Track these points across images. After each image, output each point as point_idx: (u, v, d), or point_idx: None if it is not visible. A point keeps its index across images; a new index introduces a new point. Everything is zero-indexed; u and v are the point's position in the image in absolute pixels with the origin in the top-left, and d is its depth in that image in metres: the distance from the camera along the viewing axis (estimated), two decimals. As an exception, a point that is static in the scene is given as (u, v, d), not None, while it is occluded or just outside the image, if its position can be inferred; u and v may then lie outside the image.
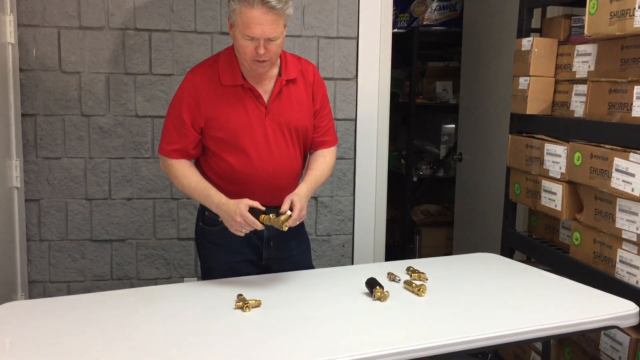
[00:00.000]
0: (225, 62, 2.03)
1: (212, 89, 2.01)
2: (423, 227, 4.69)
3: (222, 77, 2.01)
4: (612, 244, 2.13)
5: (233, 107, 2.01)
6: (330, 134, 2.21)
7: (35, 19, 2.69)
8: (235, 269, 2.06)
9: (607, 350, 2.14)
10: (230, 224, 1.92)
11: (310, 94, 2.12)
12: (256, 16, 1.85)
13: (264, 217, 1.88)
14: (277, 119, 2.04)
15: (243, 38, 1.89)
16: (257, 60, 1.93)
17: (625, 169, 2.01)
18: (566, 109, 2.46)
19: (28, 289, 2.82)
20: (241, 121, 2.01)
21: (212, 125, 2.02)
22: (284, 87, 2.05)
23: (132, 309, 1.77)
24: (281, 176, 2.08)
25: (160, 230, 2.91)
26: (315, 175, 2.13)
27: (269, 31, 1.87)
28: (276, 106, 2.04)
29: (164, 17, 2.79)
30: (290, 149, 2.09)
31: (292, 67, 2.09)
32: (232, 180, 2.06)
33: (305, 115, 2.11)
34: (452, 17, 4.49)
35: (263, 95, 2.03)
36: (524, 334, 1.66)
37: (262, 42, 1.89)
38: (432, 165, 4.83)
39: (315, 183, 2.12)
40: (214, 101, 2.01)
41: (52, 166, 2.78)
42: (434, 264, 2.22)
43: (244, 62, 1.96)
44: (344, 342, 1.55)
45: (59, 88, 2.75)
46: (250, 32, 1.87)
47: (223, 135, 2.02)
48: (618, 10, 2.06)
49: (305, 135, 2.13)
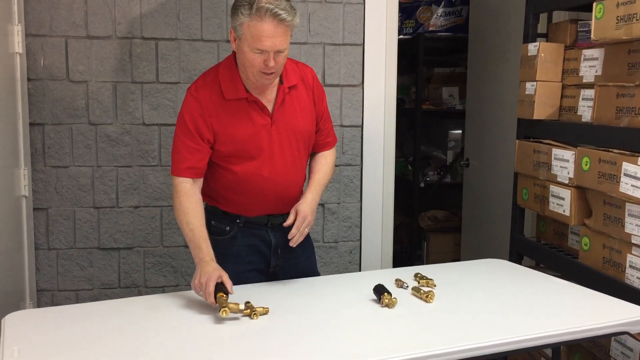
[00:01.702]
0: (226, 75, 2.00)
1: (217, 104, 1.98)
2: (430, 233, 4.67)
3: (224, 91, 1.98)
4: (622, 249, 2.11)
5: (239, 120, 1.99)
6: (332, 134, 2.23)
7: (43, 28, 2.70)
8: (243, 278, 2.05)
9: (617, 357, 2.12)
10: (194, 280, 1.85)
11: (312, 98, 2.11)
12: (267, 29, 1.82)
13: (221, 296, 1.73)
14: (283, 127, 2.04)
15: (251, 51, 1.86)
16: (265, 73, 1.90)
17: (634, 173, 2.00)
18: (573, 114, 2.45)
19: (36, 298, 2.82)
20: (248, 133, 2.00)
21: (219, 140, 2.00)
22: (287, 94, 2.05)
23: (139, 317, 1.76)
24: (289, 185, 2.08)
25: (168, 238, 2.91)
26: (319, 179, 2.14)
27: (279, 43, 1.85)
28: (281, 114, 2.04)
29: (170, 25, 2.80)
30: (296, 156, 2.09)
31: (292, 73, 2.07)
32: (238, 190, 2.06)
33: (309, 120, 2.11)
34: (458, 23, 4.49)
35: (267, 105, 2.02)
36: (533, 340, 1.65)
37: (271, 55, 1.85)
38: (439, 171, 4.82)
39: (320, 187, 2.13)
40: (219, 115, 1.98)
41: (60, 175, 2.79)
42: (441, 270, 2.21)
43: (250, 75, 1.93)
44: (352, 349, 1.55)
45: (67, 97, 2.76)
46: (261, 45, 1.83)
47: (231, 148, 2.01)
48: (625, 15, 2.05)
49: (310, 140, 2.13)
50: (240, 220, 2.10)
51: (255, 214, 2.10)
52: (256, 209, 2.10)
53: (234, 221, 2.10)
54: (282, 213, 2.09)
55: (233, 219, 2.11)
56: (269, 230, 2.12)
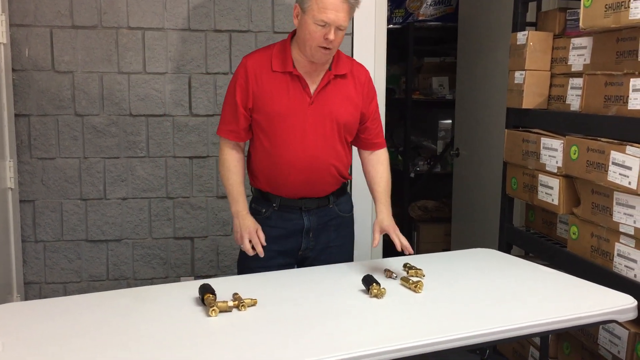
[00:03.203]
0: (280, 50, 2.10)
1: (262, 73, 2.07)
2: (421, 224, 4.68)
3: (273, 63, 2.08)
4: (610, 238, 2.12)
5: (278, 93, 2.07)
6: (381, 136, 2.28)
7: (27, 18, 2.67)
8: (270, 257, 2.11)
9: (605, 345, 2.13)
10: (237, 232, 2.09)
11: (361, 95, 2.16)
12: (333, 2, 1.93)
13: (208, 297, 1.71)
14: (321, 109, 2.09)
15: (314, 23, 1.95)
16: (322, 47, 1.97)
17: (622, 162, 2.00)
18: (562, 103, 2.45)
19: (24, 291, 2.80)
20: (284, 107, 2.06)
21: (256, 108, 2.09)
22: (332, 80, 2.10)
23: (126, 309, 1.75)
24: (319, 167, 2.12)
25: (156, 230, 2.89)
26: (385, 189, 2.19)
27: (341, 19, 1.95)
28: (321, 97, 2.09)
29: (157, 15, 2.77)
30: (330, 141, 2.12)
31: (343, 65, 2.14)
32: (271, 164, 2.12)
33: (350, 111, 2.14)
34: (448, 12, 4.48)
35: (310, 86, 2.08)
36: (521, 329, 1.65)
37: (332, 29, 1.95)
38: (429, 161, 4.82)
39: (389, 197, 2.20)
40: (262, 85, 2.07)
41: (46, 166, 2.77)
42: (430, 260, 2.20)
43: (308, 49, 2.00)
44: (339, 340, 1.54)
45: (52, 88, 2.73)
46: (326, 17, 1.93)
47: (266, 118, 2.08)
48: (613, 3, 2.04)
49: (347, 129, 2.15)
50: (276, 204, 2.16)
51: (289, 194, 2.15)
52: (289, 189, 2.14)
53: (270, 204, 2.17)
54: (316, 197, 2.16)
55: (270, 202, 2.17)
56: (304, 213, 2.17)
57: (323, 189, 2.17)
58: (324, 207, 2.19)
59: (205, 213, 2.92)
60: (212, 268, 2.96)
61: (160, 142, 2.84)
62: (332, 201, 2.21)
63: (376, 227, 2.10)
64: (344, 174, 2.21)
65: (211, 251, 2.95)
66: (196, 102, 2.85)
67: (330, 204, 2.21)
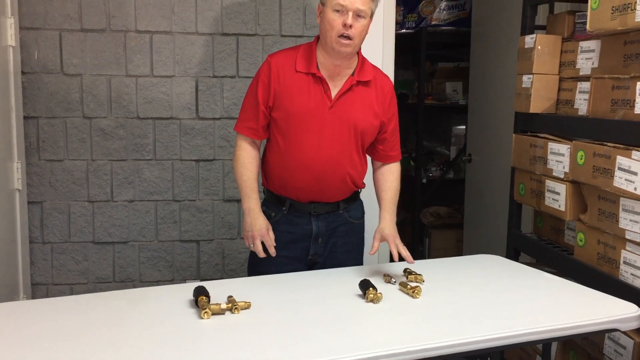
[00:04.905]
0: (305, 50, 2.10)
1: (285, 72, 2.07)
2: (433, 230, 4.63)
3: (297, 62, 2.08)
4: (616, 245, 2.07)
5: (299, 94, 2.06)
6: (397, 149, 2.26)
7: (37, 21, 2.70)
8: (280, 263, 2.11)
9: (610, 354, 2.08)
10: (249, 231, 2.09)
11: (382, 105, 2.14)
12: None
13: (202, 299, 1.71)
14: (340, 114, 2.07)
15: (332, 11, 1.95)
16: (343, 36, 1.96)
17: (628, 167, 1.95)
18: (570, 107, 2.41)
19: (31, 292, 2.83)
20: (303, 108, 2.05)
21: (275, 106, 2.08)
22: (354, 86, 2.09)
23: (123, 310, 1.74)
24: (332, 172, 2.10)
25: (163, 232, 2.90)
26: (392, 198, 2.18)
27: (359, 1, 1.94)
28: (342, 102, 2.08)
29: (165, 18, 2.79)
30: (346, 147, 2.10)
31: (367, 72, 2.12)
32: (284, 165, 2.11)
33: (369, 119, 2.12)
34: (461, 16, 4.44)
35: (332, 90, 2.07)
36: (518, 336, 1.61)
37: (350, 15, 1.94)
38: (441, 167, 4.78)
39: (394, 205, 2.19)
40: (284, 84, 2.06)
41: (54, 168, 2.79)
42: (432, 266, 2.18)
43: (329, 41, 1.99)
44: (332, 344, 1.52)
45: (61, 90, 2.76)
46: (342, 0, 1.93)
47: (284, 117, 2.07)
48: (619, 5, 2.00)
49: (364, 137, 2.13)
50: (285, 207, 2.15)
51: (300, 197, 2.14)
52: (299, 191, 2.13)
53: (280, 208, 2.16)
54: (326, 202, 2.15)
55: (280, 204, 2.16)
56: (312, 218, 2.15)
57: (334, 195, 2.15)
58: (333, 212, 2.18)
59: (212, 216, 2.92)
60: (217, 271, 2.96)
61: (167, 145, 2.85)
62: (342, 207, 2.19)
63: (376, 235, 2.08)
64: (357, 183, 2.19)
65: (217, 254, 2.95)
66: (203, 106, 2.86)
67: (340, 209, 2.19)
